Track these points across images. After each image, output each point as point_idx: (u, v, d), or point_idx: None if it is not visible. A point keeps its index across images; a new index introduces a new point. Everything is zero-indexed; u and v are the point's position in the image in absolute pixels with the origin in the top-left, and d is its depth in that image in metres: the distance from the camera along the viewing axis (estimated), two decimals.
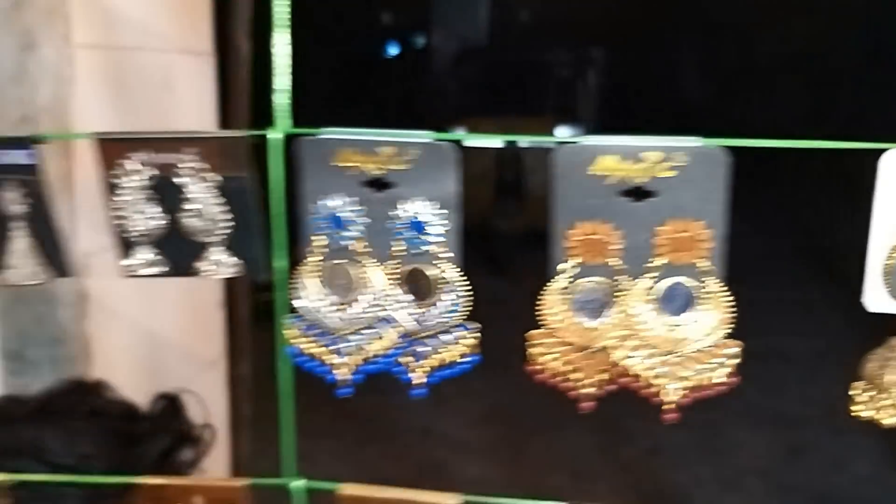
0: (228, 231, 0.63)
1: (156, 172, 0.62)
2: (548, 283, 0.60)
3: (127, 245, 0.64)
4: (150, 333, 2.10)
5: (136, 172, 0.62)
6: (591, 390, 0.60)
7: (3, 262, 0.65)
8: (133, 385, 2.00)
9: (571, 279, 0.60)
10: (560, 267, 0.60)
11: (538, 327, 0.61)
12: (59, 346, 1.79)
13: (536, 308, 0.60)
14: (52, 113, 1.52)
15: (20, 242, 0.65)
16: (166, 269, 0.64)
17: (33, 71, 1.63)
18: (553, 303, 0.60)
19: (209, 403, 2.37)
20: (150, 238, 0.63)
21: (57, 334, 1.78)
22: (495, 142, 7.33)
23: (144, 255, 0.64)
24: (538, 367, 0.61)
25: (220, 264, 0.63)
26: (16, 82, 1.61)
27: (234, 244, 0.63)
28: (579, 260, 0.59)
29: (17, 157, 0.63)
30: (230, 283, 2.47)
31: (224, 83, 2.15)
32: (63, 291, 1.82)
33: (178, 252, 0.64)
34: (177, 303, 2.21)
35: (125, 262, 0.64)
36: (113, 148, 0.62)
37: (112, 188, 0.63)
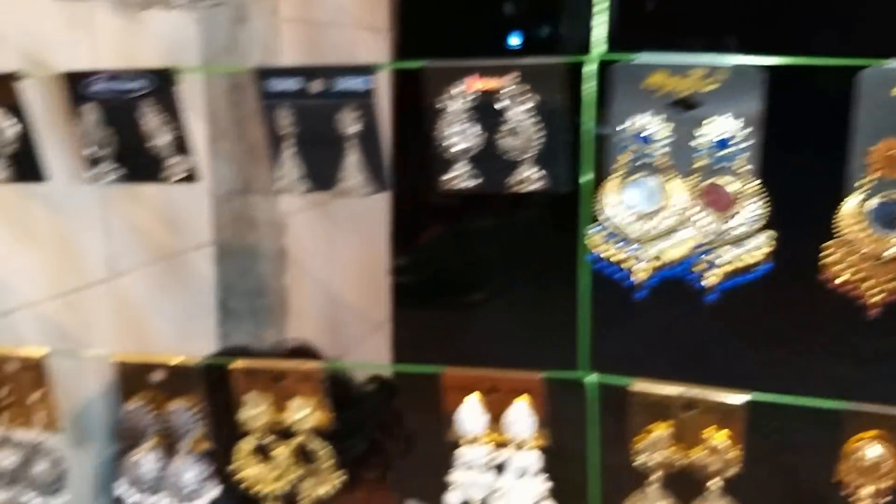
0: (539, 149, 0.70)
1: (478, 96, 0.70)
2: (844, 198, 0.65)
3: (447, 162, 0.73)
4: (332, 292, 2.24)
5: (461, 97, 0.70)
6: (880, 297, 0.65)
7: (337, 176, 0.75)
8: (315, 340, 2.15)
9: (868, 192, 0.64)
10: (858, 182, 0.64)
11: (830, 238, 0.66)
12: (259, 299, 1.94)
13: (831, 220, 0.65)
14: None
15: (352, 159, 0.75)
16: (480, 182, 0.72)
17: (243, 42, 1.77)
18: (850, 215, 0.65)
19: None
20: (469, 155, 0.72)
21: (258, 287, 1.93)
22: None
23: (462, 170, 0.72)
24: (831, 275, 0.66)
25: (528, 180, 0.71)
26: (228, 52, 1.76)
27: (543, 161, 0.71)
28: (878, 175, 0.64)
29: (355, 84, 0.73)
30: (396, 257, 2.59)
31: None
32: (265, 248, 1.96)
33: (492, 168, 0.72)
34: (355, 267, 2.35)
35: (445, 176, 0.73)
36: (442, 75, 0.70)
37: (437, 112, 0.71)
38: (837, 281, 0.66)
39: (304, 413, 0.81)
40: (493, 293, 5.37)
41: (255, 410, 0.82)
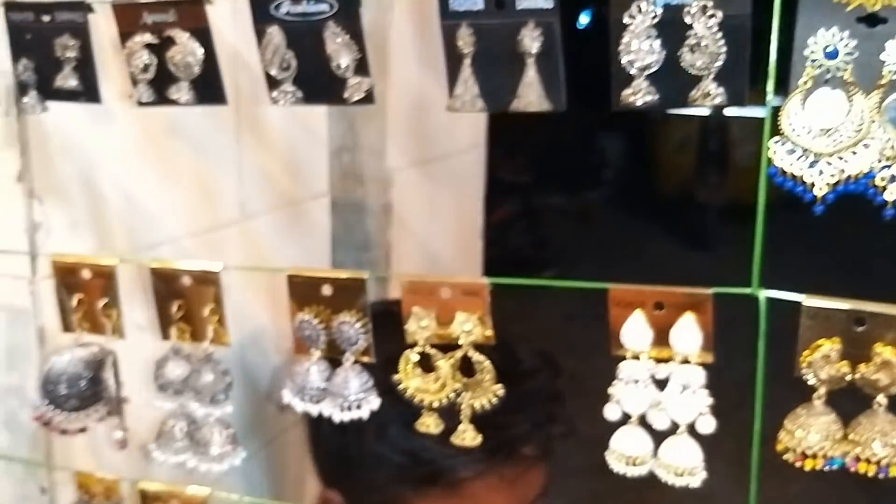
0: (721, 65, 0.72)
1: (663, 11, 0.72)
2: None
3: (626, 79, 0.75)
4: (430, 251, 2.27)
5: (649, 13, 0.72)
6: None
7: (514, 94, 0.78)
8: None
9: None
10: None
11: None
12: (364, 252, 1.99)
13: None
14: None
15: (530, 76, 0.77)
16: (658, 98, 0.74)
17: None
18: None
19: None
20: (649, 71, 0.74)
21: (363, 241, 1.97)
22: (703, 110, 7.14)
23: (641, 86, 0.74)
24: None
25: (707, 96, 0.73)
26: None
27: (724, 77, 0.72)
28: None
29: (538, 1, 0.75)
30: (487, 222, 2.61)
31: None
32: (371, 202, 2.01)
33: (671, 85, 0.74)
34: (452, 228, 2.38)
35: (625, 92, 0.75)
36: None
37: (621, 28, 0.73)
38: None
39: (468, 327, 0.85)
40: (564, 271, 5.39)
41: (419, 324, 0.86)
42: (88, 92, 0.94)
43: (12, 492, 1.17)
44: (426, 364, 0.87)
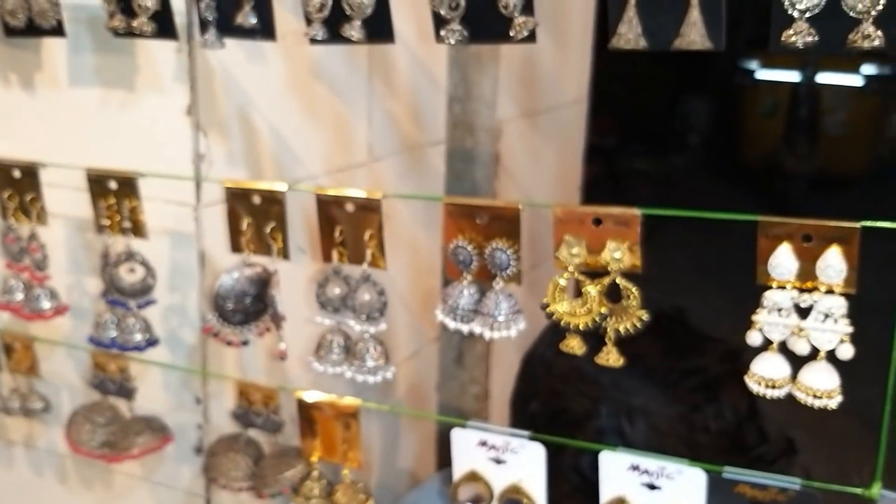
0: (881, 8, 0.75)
1: None
2: None
3: (787, 20, 0.78)
4: (531, 197, 2.32)
5: None
6: None
7: (678, 31, 0.82)
8: None
9: None
10: None
11: None
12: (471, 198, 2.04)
13: None
14: None
15: (694, 16, 0.82)
16: (816, 40, 0.78)
17: None
18: None
19: None
20: (810, 14, 0.77)
21: (471, 188, 2.03)
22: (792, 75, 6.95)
23: (802, 27, 0.78)
24: None
25: (868, 37, 0.76)
26: None
27: (883, 21, 0.75)
28: None
29: None
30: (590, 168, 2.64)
31: None
32: (481, 152, 2.06)
33: (831, 27, 0.77)
34: (553, 179, 2.43)
35: (786, 32, 0.78)
36: None
37: None
38: None
39: (618, 255, 0.90)
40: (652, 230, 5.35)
41: (570, 251, 0.92)
42: (265, 30, 1.02)
43: (169, 400, 1.28)
44: (577, 288, 0.94)
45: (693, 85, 6.88)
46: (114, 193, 1.14)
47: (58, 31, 1.14)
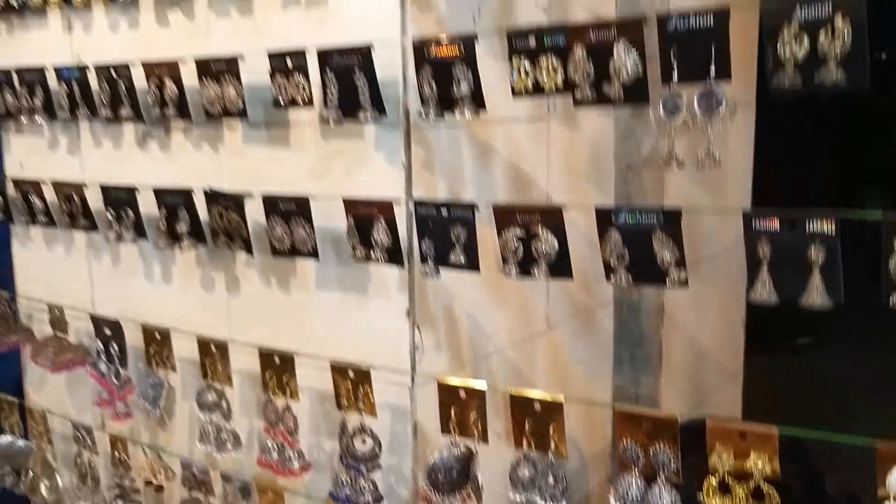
0: None
1: None
2: None
3: None
4: (697, 344, 2.49)
5: None
6: None
7: (804, 290, 1.03)
8: (679, 387, 2.42)
9: None
10: None
11: None
12: (638, 347, 2.25)
13: None
14: None
15: (816, 282, 1.02)
16: None
17: None
18: None
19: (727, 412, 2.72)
20: None
21: (638, 337, 2.24)
22: None
23: None
24: None
25: None
26: None
27: None
28: None
29: (823, 225, 1.00)
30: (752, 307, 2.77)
31: None
32: (645, 303, 2.27)
33: None
34: (716, 320, 2.58)
35: None
36: None
37: None
38: None
39: (760, 465, 1.10)
40: (822, 335, 5.22)
41: (720, 458, 1.13)
42: (471, 265, 1.31)
43: None
44: (726, 489, 1.14)
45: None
46: (350, 380, 1.45)
47: (313, 253, 1.49)
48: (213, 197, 1.60)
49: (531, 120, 1.74)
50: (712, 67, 1.04)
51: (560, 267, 1.25)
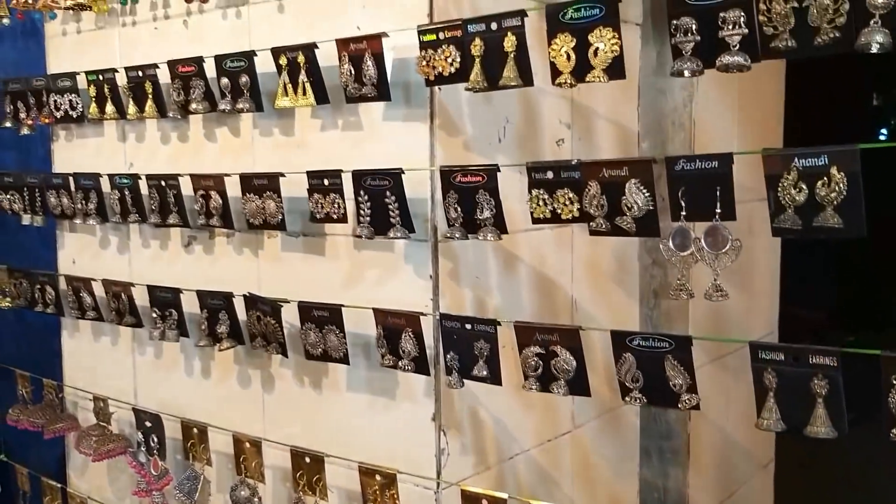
0: None
1: None
2: None
3: None
4: (726, 436, 2.50)
5: None
6: None
7: (808, 420, 1.07)
8: (709, 479, 2.43)
9: None
10: None
11: None
12: (666, 440, 2.28)
13: None
14: None
15: (820, 413, 1.07)
16: None
17: None
18: None
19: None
20: None
21: (666, 430, 2.27)
22: None
23: None
24: None
25: None
26: None
27: None
28: None
29: (826, 359, 1.05)
30: None
31: None
32: None
33: None
34: (745, 412, 2.60)
35: None
36: None
37: None
38: None
39: None
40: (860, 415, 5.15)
41: None
42: (493, 377, 1.38)
43: None
44: None
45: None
46: (377, 484, 1.51)
47: (343, 359, 1.57)
48: (252, 302, 1.69)
49: (554, 226, 1.82)
50: (717, 208, 1.11)
51: (578, 385, 1.31)
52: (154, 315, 1.87)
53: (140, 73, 1.83)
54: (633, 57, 2.03)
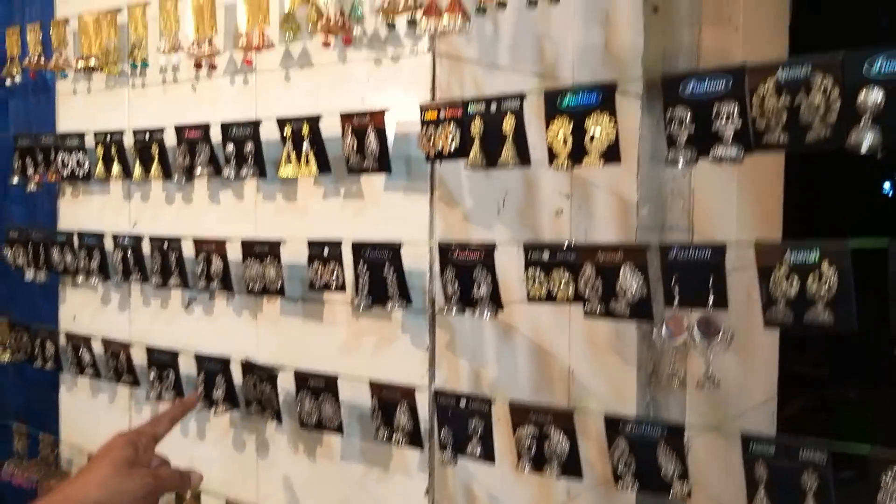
0: None
1: None
2: None
3: None
4: (722, 501, 2.47)
5: None
6: None
7: None
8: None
9: None
10: None
11: None
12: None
13: None
14: None
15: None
16: None
17: None
18: None
19: None
20: None
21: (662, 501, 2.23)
22: None
23: None
24: None
25: None
26: None
27: None
28: None
29: (815, 456, 1.05)
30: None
31: None
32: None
33: None
34: (736, 472, 2.57)
35: None
36: None
37: None
38: None
39: None
40: (862, 472, 5.07)
41: None
42: (487, 455, 1.38)
43: None
44: None
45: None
46: None
47: (338, 429, 1.57)
48: (248, 368, 1.70)
49: None
50: (710, 297, 1.12)
51: (571, 467, 1.30)
52: (151, 375, 1.87)
53: (147, 136, 1.86)
54: (632, 128, 2.06)
